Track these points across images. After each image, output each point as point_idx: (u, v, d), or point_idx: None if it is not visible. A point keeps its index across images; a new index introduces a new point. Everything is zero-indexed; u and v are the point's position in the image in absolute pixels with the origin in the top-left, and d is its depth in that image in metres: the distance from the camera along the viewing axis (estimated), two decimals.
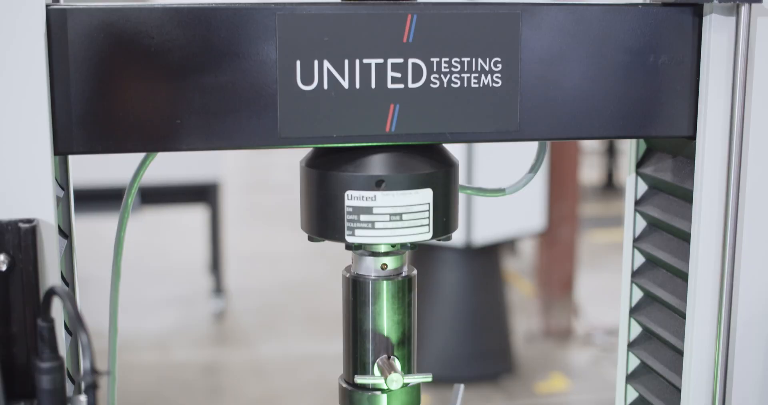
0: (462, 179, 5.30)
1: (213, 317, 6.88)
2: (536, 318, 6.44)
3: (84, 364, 0.83)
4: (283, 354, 6.18)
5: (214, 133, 1.09)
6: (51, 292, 0.88)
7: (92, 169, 5.85)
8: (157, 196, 6.65)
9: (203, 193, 6.82)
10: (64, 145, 1.07)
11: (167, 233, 8.96)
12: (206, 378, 5.87)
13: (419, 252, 5.60)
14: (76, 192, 4.62)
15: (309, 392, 5.55)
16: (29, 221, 1.01)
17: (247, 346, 6.36)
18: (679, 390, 1.22)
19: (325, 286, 7.23)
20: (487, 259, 5.68)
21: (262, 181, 11.60)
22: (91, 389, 0.83)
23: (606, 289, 7.07)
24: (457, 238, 5.38)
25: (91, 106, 1.06)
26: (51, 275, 1.04)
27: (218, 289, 6.95)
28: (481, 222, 5.43)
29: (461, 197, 4.26)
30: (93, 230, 5.60)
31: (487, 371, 5.66)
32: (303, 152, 1.21)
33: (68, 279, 1.18)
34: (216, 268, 6.98)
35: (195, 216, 8.06)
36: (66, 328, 1.11)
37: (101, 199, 6.00)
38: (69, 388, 1.16)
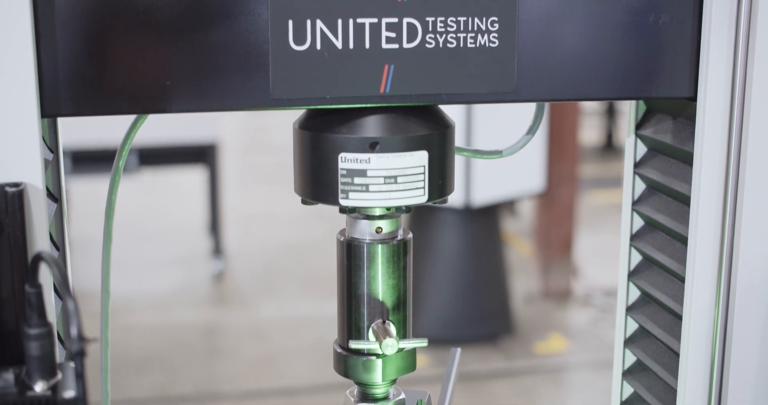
0: (461, 141, 5.29)
1: (212, 278, 6.89)
2: (535, 279, 6.45)
3: (71, 331, 0.81)
4: (281, 315, 6.19)
5: (205, 94, 1.07)
6: (38, 258, 0.87)
7: (93, 129, 5.83)
8: (155, 157, 6.63)
9: (201, 154, 6.81)
10: (52, 107, 1.05)
11: (166, 195, 8.95)
12: (205, 339, 5.89)
13: (418, 213, 5.60)
14: (75, 153, 4.61)
15: (307, 353, 5.56)
16: (16, 185, 0.99)
17: (246, 307, 6.37)
18: (677, 354, 1.21)
19: (323, 247, 7.23)
20: (486, 219, 5.68)
21: (260, 141, 11.57)
22: (79, 356, 0.81)
23: (605, 250, 7.07)
24: (456, 198, 5.37)
25: (78, 67, 1.04)
26: (40, 240, 1.02)
27: (217, 251, 6.96)
28: (481, 183, 5.42)
29: (460, 158, 4.25)
30: (92, 192, 5.57)
31: (486, 332, 5.68)
32: (299, 114, 1.19)
33: (59, 243, 1.16)
34: (215, 229, 6.98)
35: (193, 177, 8.04)
36: (57, 293, 1.10)
37: (102, 160, 5.98)
38: (62, 353, 1.15)
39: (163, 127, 6.44)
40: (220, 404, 4.98)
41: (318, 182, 1.11)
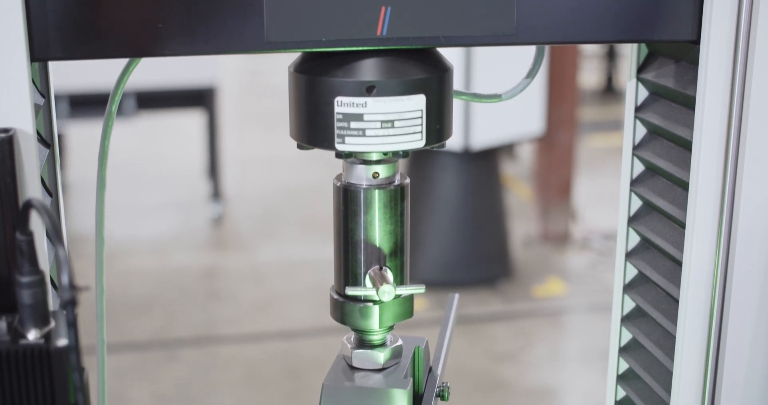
0: (460, 85, 5.25)
1: (211, 222, 6.89)
2: (534, 222, 6.45)
3: (62, 279, 0.80)
4: (280, 258, 6.21)
5: (198, 37, 1.05)
6: (28, 205, 0.85)
7: (90, 73, 5.79)
8: (153, 101, 6.60)
9: (200, 98, 6.78)
10: (41, 51, 1.02)
11: (164, 139, 8.93)
12: (204, 282, 5.90)
13: (416, 156, 5.59)
14: (73, 98, 4.58)
15: (306, 296, 5.58)
16: (5, 131, 0.97)
17: (245, 250, 6.38)
18: (676, 301, 1.20)
19: (322, 190, 7.22)
20: (485, 163, 5.67)
21: (259, 85, 11.51)
22: (70, 305, 0.80)
23: (604, 193, 7.07)
24: (456, 142, 5.35)
25: (68, 9, 1.02)
26: (31, 186, 1.01)
27: (216, 195, 6.95)
28: (480, 126, 5.40)
29: (459, 102, 4.22)
30: (91, 136, 5.55)
31: (485, 275, 5.70)
32: (295, 57, 1.17)
33: (51, 189, 1.15)
34: (213, 173, 6.97)
35: (192, 121, 8.01)
36: (51, 240, 1.09)
37: (100, 104, 5.95)
38: (57, 301, 1.14)
39: (162, 71, 6.41)
40: (219, 348, 5.01)
41: (314, 127, 1.09)
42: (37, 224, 0.97)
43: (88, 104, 6.27)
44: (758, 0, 1.09)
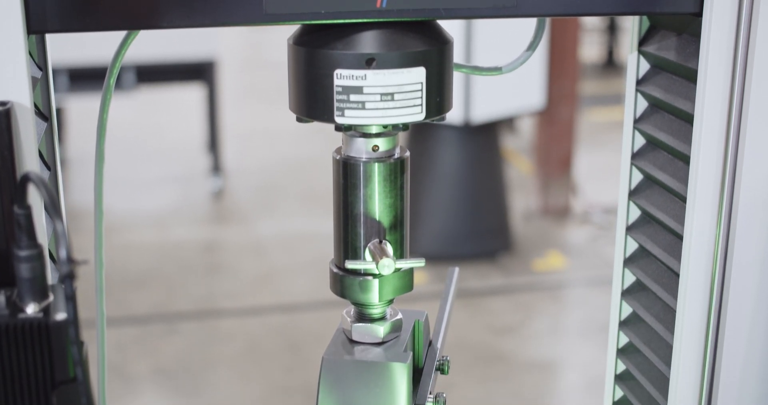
0: (460, 58, 5.22)
1: (211, 196, 6.89)
2: (534, 196, 6.45)
3: (60, 253, 0.79)
4: (280, 232, 6.21)
5: (196, 9, 1.04)
6: (26, 178, 0.85)
7: (90, 46, 5.77)
8: (152, 74, 6.59)
9: (200, 71, 6.76)
10: (38, 23, 1.01)
11: (164, 112, 8.91)
12: (205, 256, 5.91)
13: (417, 130, 5.58)
14: (72, 71, 4.56)
15: (306, 270, 5.59)
16: (2, 104, 0.96)
17: (245, 224, 6.38)
18: (677, 275, 1.20)
19: (322, 164, 7.21)
20: (485, 137, 5.66)
21: (259, 58, 11.47)
22: (68, 278, 0.80)
23: (604, 167, 7.06)
24: (456, 115, 5.34)
25: None
26: (29, 159, 1.00)
27: (216, 168, 6.95)
28: (480, 99, 5.39)
29: (459, 75, 4.19)
30: (90, 109, 5.54)
31: (485, 249, 5.70)
32: (294, 29, 1.16)
33: (50, 162, 1.14)
34: (214, 146, 6.96)
35: (192, 95, 7.99)
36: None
37: (100, 77, 5.93)
38: (56, 275, 1.13)
39: (161, 44, 6.39)
40: (219, 321, 5.02)
41: (313, 99, 1.09)
42: (35, 198, 0.97)
43: (87, 78, 6.25)
44: None
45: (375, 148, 1.14)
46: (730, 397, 1.18)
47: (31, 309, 0.89)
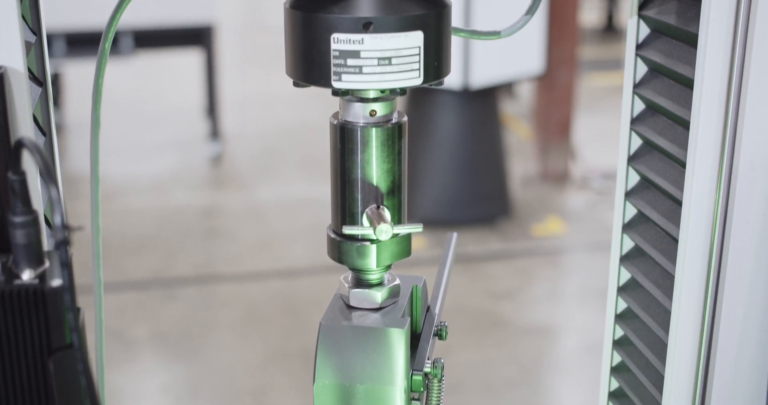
0: (459, 22, 5.20)
1: (210, 161, 6.88)
2: (533, 161, 6.44)
3: (55, 220, 0.79)
4: (279, 197, 6.20)
5: None
6: (20, 144, 0.84)
7: (87, 11, 5.74)
8: (151, 39, 6.56)
9: (198, 36, 6.73)
10: None
11: (162, 77, 8.87)
12: (204, 221, 5.91)
13: (415, 94, 5.56)
14: (69, 36, 4.54)
15: (305, 235, 5.59)
16: None
17: (244, 189, 6.38)
18: (676, 240, 1.19)
19: (321, 129, 7.19)
20: (484, 102, 5.64)
21: (258, 23, 11.42)
22: (63, 245, 0.79)
23: (604, 132, 7.05)
24: (455, 80, 5.32)
25: None
26: (23, 125, 0.99)
27: (214, 133, 6.94)
28: (479, 64, 5.37)
29: (459, 40, 4.15)
30: (88, 75, 5.52)
31: (484, 214, 5.70)
32: None
33: (45, 128, 1.13)
34: (212, 112, 6.94)
35: (190, 59, 7.96)
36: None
37: (97, 42, 5.90)
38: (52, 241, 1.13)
39: (159, 9, 6.35)
40: (218, 286, 5.02)
41: (310, 64, 1.08)
42: (30, 164, 0.96)
43: (84, 43, 6.22)
44: None
45: (372, 113, 1.13)
46: (728, 363, 1.18)
47: (26, 275, 0.88)
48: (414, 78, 1.08)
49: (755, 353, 1.18)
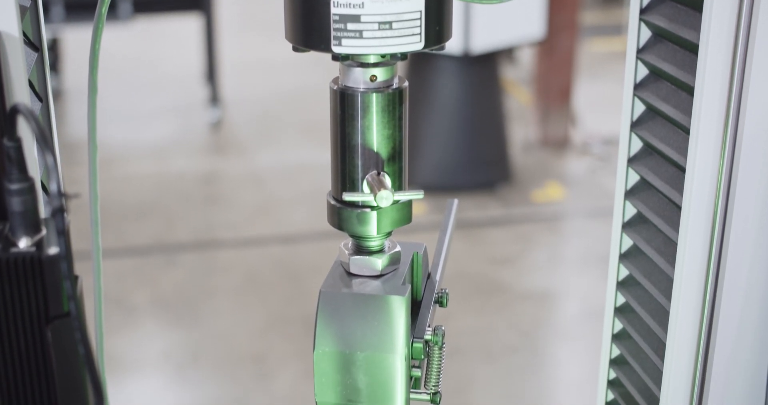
0: None
1: (210, 127, 6.86)
2: (534, 127, 6.42)
3: (51, 187, 0.78)
4: (279, 163, 6.19)
5: None
6: (15, 110, 0.83)
7: None
8: (149, 4, 6.52)
9: (197, 1, 6.69)
10: None
11: (161, 43, 8.83)
12: (204, 187, 5.90)
13: (416, 60, 5.53)
14: (68, 2, 4.51)
15: (305, 200, 5.58)
16: None
17: (244, 155, 6.37)
18: (679, 207, 1.18)
19: (321, 94, 7.15)
20: (485, 67, 5.62)
21: None
22: (59, 212, 0.78)
23: (604, 98, 7.02)
24: (455, 46, 5.30)
25: None
26: (19, 91, 0.98)
27: (214, 99, 6.91)
28: (480, 30, 5.34)
29: (460, 4, 4.14)
30: (88, 41, 5.50)
31: (484, 179, 5.69)
32: None
33: (41, 94, 1.12)
34: (211, 77, 6.91)
35: (189, 24, 7.91)
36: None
37: (95, 7, 5.86)
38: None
39: None
40: (218, 252, 5.02)
41: (309, 28, 1.06)
42: (27, 130, 0.95)
43: (83, 8, 6.18)
44: None
45: (373, 78, 1.12)
46: (731, 331, 1.17)
47: (23, 243, 0.87)
48: (415, 43, 1.06)
49: (758, 319, 1.17)
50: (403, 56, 1.09)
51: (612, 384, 1.44)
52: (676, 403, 1.23)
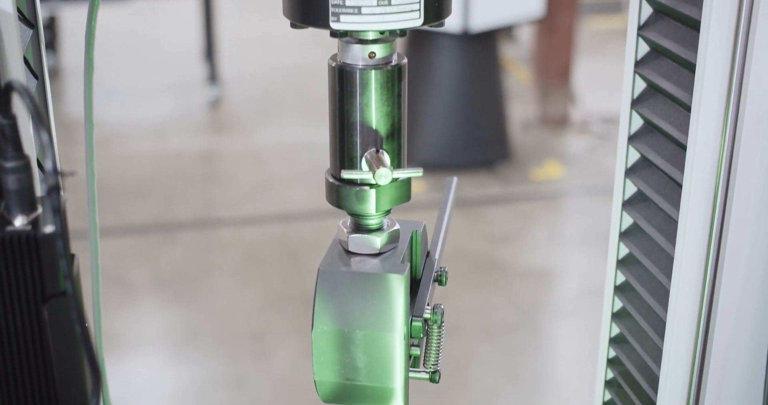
0: None
1: (208, 105, 6.84)
2: (533, 105, 6.41)
3: (46, 165, 0.77)
4: (278, 141, 6.18)
5: None
6: (9, 87, 0.82)
7: None
8: None
9: None
10: None
11: (160, 21, 8.79)
12: (203, 165, 5.89)
13: (415, 38, 5.51)
14: None
15: (304, 178, 5.57)
16: None
17: (243, 133, 6.35)
18: (680, 185, 1.17)
19: (320, 72, 7.13)
20: (484, 45, 5.60)
21: None
22: (55, 190, 0.77)
23: (604, 77, 7.00)
24: (454, 24, 5.28)
25: None
26: (13, 67, 0.97)
27: (213, 77, 6.88)
28: (479, 7, 5.32)
29: None
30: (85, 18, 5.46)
31: (483, 158, 5.68)
32: None
33: (37, 71, 1.11)
34: (210, 55, 6.89)
35: (187, 2, 7.88)
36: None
37: None
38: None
39: None
40: (217, 230, 5.02)
41: (307, 4, 1.05)
42: (23, 108, 0.94)
43: None
44: None
45: (371, 55, 1.11)
46: (731, 309, 1.17)
47: (19, 222, 0.87)
48: (414, 19, 1.05)
49: (758, 298, 1.16)
50: (402, 33, 1.08)
51: (612, 362, 1.44)
52: (676, 381, 1.22)
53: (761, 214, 1.13)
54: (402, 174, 1.13)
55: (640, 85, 1.29)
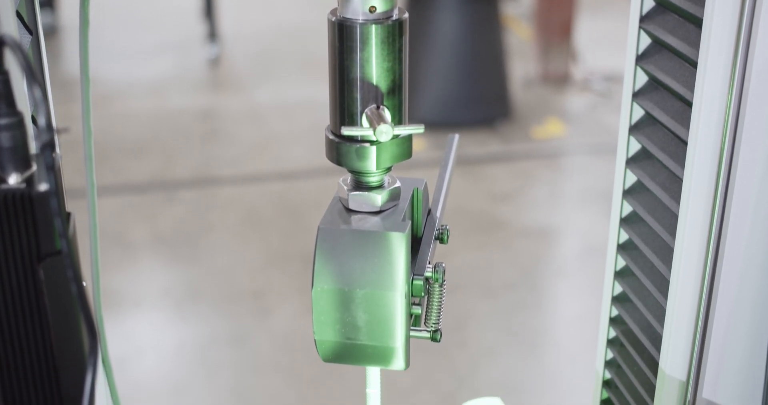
0: None
1: (208, 63, 6.80)
2: (534, 63, 6.37)
3: (39, 121, 0.75)
4: (278, 99, 6.15)
5: None
6: (0, 42, 0.80)
7: None
8: None
9: None
10: None
11: None
12: (203, 123, 5.87)
13: None
14: None
15: (305, 136, 5.55)
16: None
17: (243, 91, 6.32)
18: (684, 143, 1.16)
19: (320, 29, 7.08)
20: (485, 2, 5.56)
21: None
22: (48, 147, 0.76)
23: (606, 34, 6.96)
24: None
25: None
26: (6, 23, 0.95)
27: (212, 35, 6.84)
28: None
29: None
30: None
31: (484, 116, 5.66)
32: None
33: (31, 27, 1.09)
34: (209, 13, 6.84)
35: None
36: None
37: None
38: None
39: None
40: (217, 188, 5.01)
41: None
42: (17, 65, 0.92)
43: None
44: None
45: (372, 10, 1.09)
46: (735, 267, 1.16)
47: (13, 179, 0.85)
48: None
49: (763, 253, 1.15)
50: None
51: (614, 321, 1.43)
52: (680, 339, 1.22)
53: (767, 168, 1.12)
54: (403, 130, 1.11)
55: (645, 41, 1.27)
